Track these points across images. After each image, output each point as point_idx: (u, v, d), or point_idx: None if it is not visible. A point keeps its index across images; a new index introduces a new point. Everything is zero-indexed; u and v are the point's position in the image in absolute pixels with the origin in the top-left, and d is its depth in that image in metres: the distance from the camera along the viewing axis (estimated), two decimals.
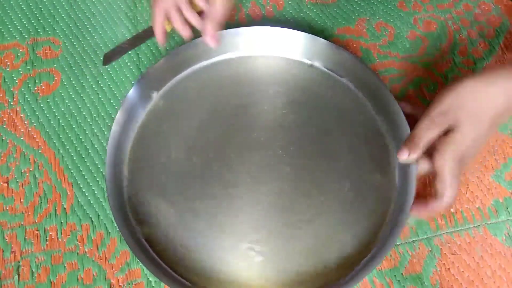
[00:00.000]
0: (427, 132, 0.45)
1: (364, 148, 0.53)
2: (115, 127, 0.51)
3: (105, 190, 0.52)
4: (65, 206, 0.52)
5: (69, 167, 0.54)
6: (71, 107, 0.57)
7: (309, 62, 0.58)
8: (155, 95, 0.55)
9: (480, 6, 0.64)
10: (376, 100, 0.55)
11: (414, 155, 0.46)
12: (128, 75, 0.59)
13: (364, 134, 0.54)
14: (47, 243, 0.50)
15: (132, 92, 0.53)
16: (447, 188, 0.45)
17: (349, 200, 0.50)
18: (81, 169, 0.53)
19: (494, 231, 0.51)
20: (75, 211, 0.51)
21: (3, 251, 0.50)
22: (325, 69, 0.57)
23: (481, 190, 0.52)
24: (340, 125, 0.54)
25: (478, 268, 0.49)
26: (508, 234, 0.51)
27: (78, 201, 0.52)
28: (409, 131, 0.50)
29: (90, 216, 0.51)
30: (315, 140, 0.53)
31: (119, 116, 0.52)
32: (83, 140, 0.55)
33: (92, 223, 0.51)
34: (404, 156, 0.46)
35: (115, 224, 0.48)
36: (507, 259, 0.49)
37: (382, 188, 0.51)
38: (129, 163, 0.52)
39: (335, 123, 0.55)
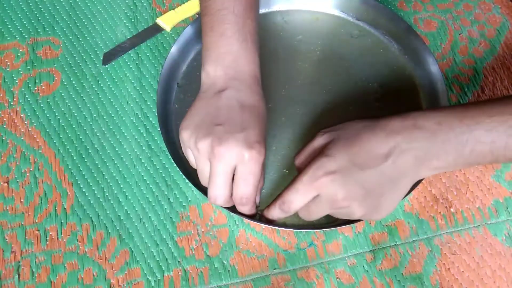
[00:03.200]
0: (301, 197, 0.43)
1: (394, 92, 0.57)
2: (174, 49, 0.57)
3: (105, 190, 0.52)
4: (65, 206, 0.52)
5: (69, 167, 0.54)
6: (71, 107, 0.57)
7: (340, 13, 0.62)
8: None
9: (480, 6, 0.64)
10: (405, 46, 0.59)
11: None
12: (128, 75, 0.59)
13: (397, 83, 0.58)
14: (47, 243, 0.50)
15: (188, 29, 0.58)
16: (290, 189, 0.43)
17: None
18: (81, 169, 0.54)
19: (494, 231, 0.51)
20: (75, 211, 0.51)
21: (3, 251, 0.50)
22: (357, 21, 0.61)
23: (481, 190, 0.52)
24: (373, 75, 0.58)
25: (478, 268, 0.49)
26: (508, 234, 0.51)
27: (78, 201, 0.52)
28: (439, 76, 0.55)
29: (90, 216, 0.51)
30: (347, 86, 0.57)
31: (174, 48, 0.57)
32: (83, 140, 0.55)
33: (92, 223, 0.51)
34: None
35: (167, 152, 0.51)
36: (507, 259, 0.49)
37: None
38: (179, 89, 0.57)
39: (367, 73, 0.58)
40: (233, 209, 0.48)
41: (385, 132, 0.41)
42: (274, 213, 0.45)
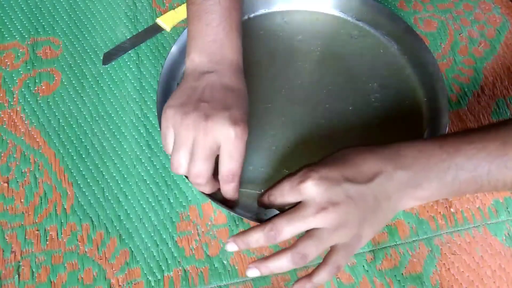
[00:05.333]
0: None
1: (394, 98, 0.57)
2: (174, 49, 0.56)
3: (104, 190, 0.52)
4: (65, 206, 0.52)
5: (69, 167, 0.54)
6: (71, 107, 0.57)
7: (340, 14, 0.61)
8: None
9: (480, 6, 0.64)
10: (405, 46, 0.59)
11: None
12: (128, 75, 0.59)
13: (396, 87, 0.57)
14: (47, 243, 0.50)
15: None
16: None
17: None
18: (81, 169, 0.54)
19: (494, 231, 0.51)
20: (75, 211, 0.51)
21: (3, 251, 0.50)
22: (357, 21, 0.61)
23: None
24: (373, 76, 0.58)
25: (478, 268, 0.49)
26: (508, 234, 0.51)
27: (78, 201, 0.52)
28: (439, 76, 0.54)
29: (90, 216, 0.51)
30: (347, 90, 0.57)
31: (174, 48, 0.56)
32: (83, 140, 0.55)
33: (92, 223, 0.51)
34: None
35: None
36: (507, 259, 0.49)
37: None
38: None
39: (367, 73, 0.58)
40: (233, 208, 0.48)
41: (375, 156, 0.42)
42: (259, 203, 0.45)
